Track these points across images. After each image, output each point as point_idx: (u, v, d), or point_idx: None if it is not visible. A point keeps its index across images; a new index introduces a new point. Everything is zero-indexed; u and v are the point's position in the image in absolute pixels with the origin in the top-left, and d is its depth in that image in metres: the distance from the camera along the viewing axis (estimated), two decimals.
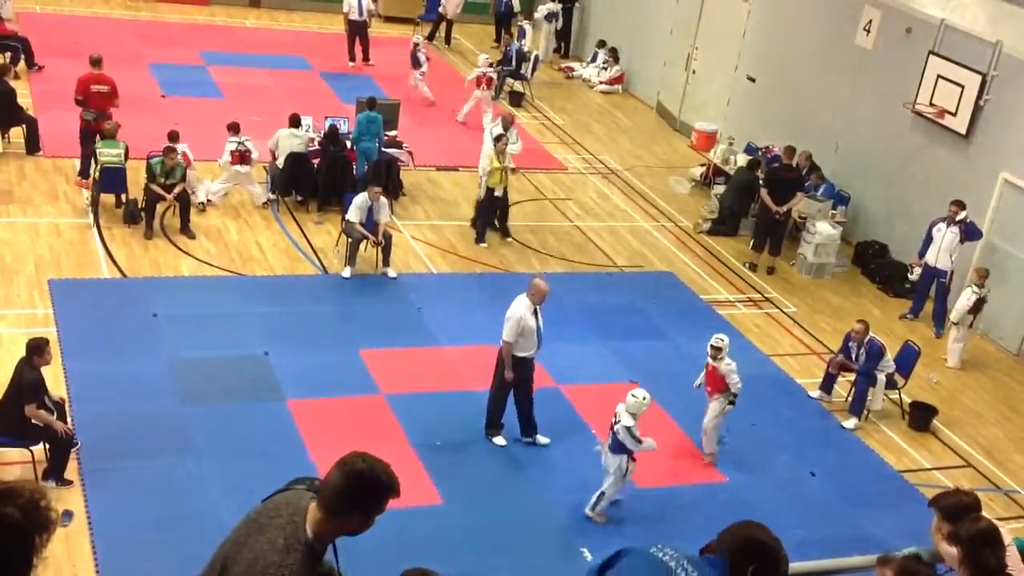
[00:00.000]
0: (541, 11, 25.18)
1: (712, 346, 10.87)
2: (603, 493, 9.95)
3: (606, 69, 23.75)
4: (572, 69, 24.38)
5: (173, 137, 14.49)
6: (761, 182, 16.33)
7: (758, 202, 16.26)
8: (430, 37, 24.88)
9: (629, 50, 23.57)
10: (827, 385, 12.76)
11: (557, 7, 25.19)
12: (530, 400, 10.95)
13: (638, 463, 10.03)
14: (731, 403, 11.04)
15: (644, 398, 9.80)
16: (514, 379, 10.73)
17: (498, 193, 15.39)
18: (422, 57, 20.05)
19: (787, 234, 16.24)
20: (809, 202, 16.32)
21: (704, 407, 11.19)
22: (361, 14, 21.50)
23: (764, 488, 10.92)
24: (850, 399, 12.52)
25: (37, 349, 9.24)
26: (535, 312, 10.62)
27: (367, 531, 3.59)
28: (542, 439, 11.02)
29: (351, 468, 3.60)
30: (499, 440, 10.97)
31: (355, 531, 3.62)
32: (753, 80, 19.67)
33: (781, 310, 14.96)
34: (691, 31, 21.55)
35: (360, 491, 3.55)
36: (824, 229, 16.04)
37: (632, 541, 10.06)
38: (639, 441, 9.78)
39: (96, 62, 15.02)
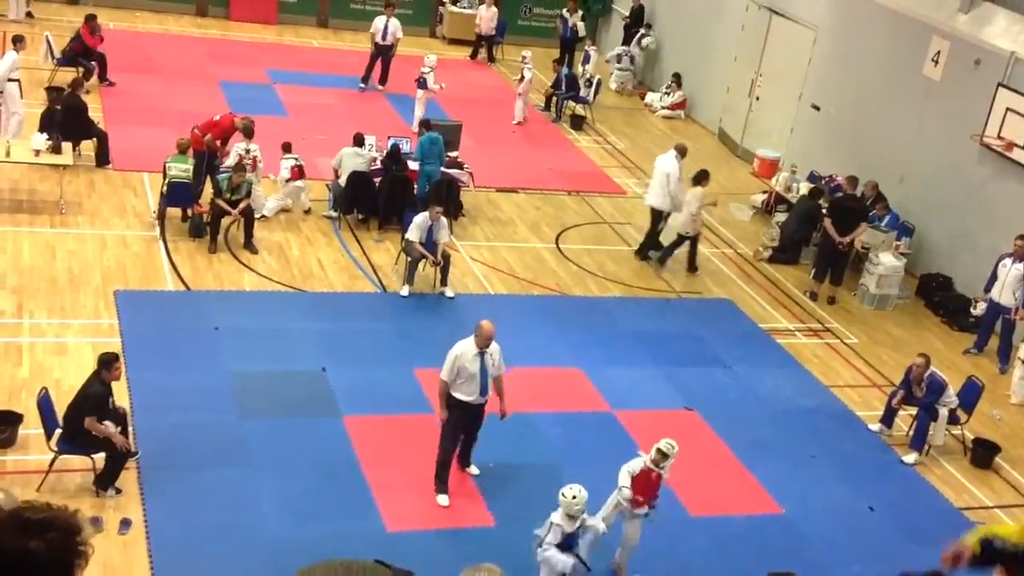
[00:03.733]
0: (648, 43, 25.01)
1: (659, 450, 9.25)
2: None
3: (668, 94, 23.73)
4: (643, 95, 24.39)
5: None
6: (825, 211, 16.17)
7: (820, 231, 16.09)
8: (472, 56, 25.06)
9: (692, 76, 23.52)
10: (888, 419, 12.55)
11: (623, 49, 25.05)
12: (472, 441, 10.38)
13: (690, 492, 9.88)
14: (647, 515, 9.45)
15: (574, 496, 8.57)
16: (450, 423, 10.03)
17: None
18: (430, 79, 19.58)
19: (849, 264, 16.05)
20: (873, 232, 16.12)
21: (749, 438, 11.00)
22: (385, 38, 21.41)
23: (821, 521, 10.76)
24: (911, 433, 12.30)
25: (106, 364, 9.40)
26: (480, 355, 9.85)
27: None
28: (473, 470, 10.56)
29: None
30: (442, 500, 10.08)
31: None
32: (818, 108, 19.52)
33: (842, 341, 14.78)
34: (755, 58, 21.45)
35: None
36: (887, 260, 15.82)
37: (684, 570, 10.03)
38: (577, 554, 8.71)
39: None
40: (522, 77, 21.05)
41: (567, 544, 8.75)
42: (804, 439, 12.20)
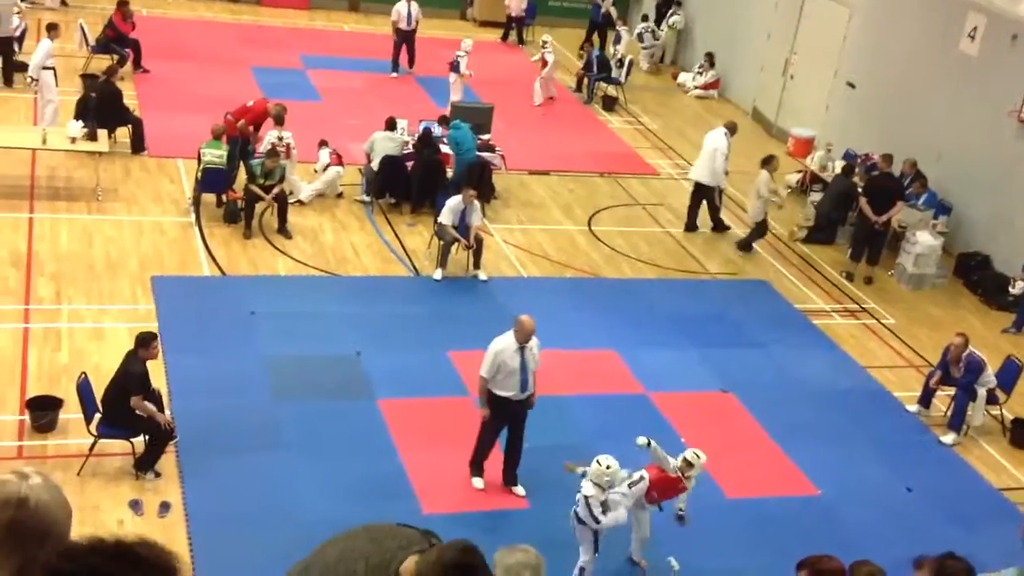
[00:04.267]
0: (675, 22, 24.92)
1: (685, 459, 9.17)
2: (582, 569, 8.86)
3: (701, 74, 23.55)
4: (676, 75, 24.26)
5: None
6: (860, 190, 16.01)
7: (856, 211, 15.94)
8: (503, 39, 24.99)
9: (725, 55, 23.32)
10: (925, 399, 12.44)
11: (644, 26, 24.93)
12: (518, 449, 10.10)
13: (726, 474, 9.86)
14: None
15: (608, 467, 8.60)
16: (492, 420, 9.88)
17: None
18: (463, 63, 19.59)
19: (886, 243, 15.89)
20: (909, 211, 15.95)
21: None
22: (409, 23, 21.34)
23: (858, 503, 10.70)
24: (949, 414, 12.19)
25: (144, 342, 9.50)
26: (521, 351, 9.70)
27: None
28: (518, 491, 10.19)
29: (449, 560, 3.45)
30: (477, 483, 10.13)
31: None
32: (853, 86, 19.30)
33: (879, 321, 14.65)
34: (789, 36, 21.23)
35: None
36: (925, 239, 15.65)
37: (720, 553, 10.02)
38: (597, 519, 8.69)
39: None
40: (544, 62, 20.81)
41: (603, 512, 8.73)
42: (841, 420, 12.12)
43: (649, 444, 9.21)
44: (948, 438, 12.00)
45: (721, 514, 10.24)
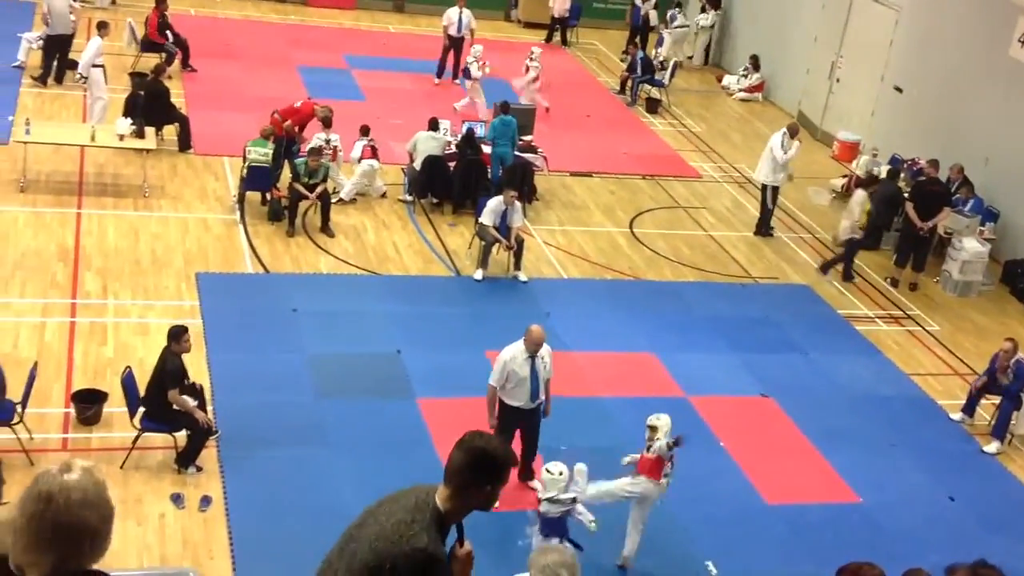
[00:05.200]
0: (703, 19, 24.94)
1: (648, 426, 9.12)
2: None
3: (746, 76, 23.42)
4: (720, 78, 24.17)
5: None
6: (907, 196, 15.84)
7: (902, 216, 15.77)
8: (547, 40, 24.98)
9: (770, 58, 23.18)
10: (970, 408, 12.28)
11: (712, 18, 24.90)
12: (533, 449, 10.00)
13: (766, 479, 9.81)
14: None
15: (560, 472, 8.53)
16: (500, 428, 9.67)
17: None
18: (474, 68, 19.45)
19: (932, 250, 15.71)
20: (956, 217, 15.76)
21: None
22: (460, 30, 21.09)
23: (899, 511, 10.59)
24: (993, 423, 12.03)
25: (175, 336, 9.60)
26: (531, 360, 9.63)
27: (492, 506, 3.95)
28: (535, 484, 9.87)
29: (472, 444, 3.92)
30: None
31: (482, 504, 3.94)
32: (900, 90, 19.10)
33: (923, 328, 14.48)
34: (836, 39, 21.06)
35: (483, 464, 3.88)
36: (971, 246, 15.45)
37: (760, 558, 9.95)
38: (567, 502, 8.58)
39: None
40: (527, 69, 19.82)
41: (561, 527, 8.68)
42: (883, 427, 12.00)
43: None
44: (991, 447, 11.84)
45: (761, 519, 10.17)
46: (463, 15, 21.16)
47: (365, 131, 15.81)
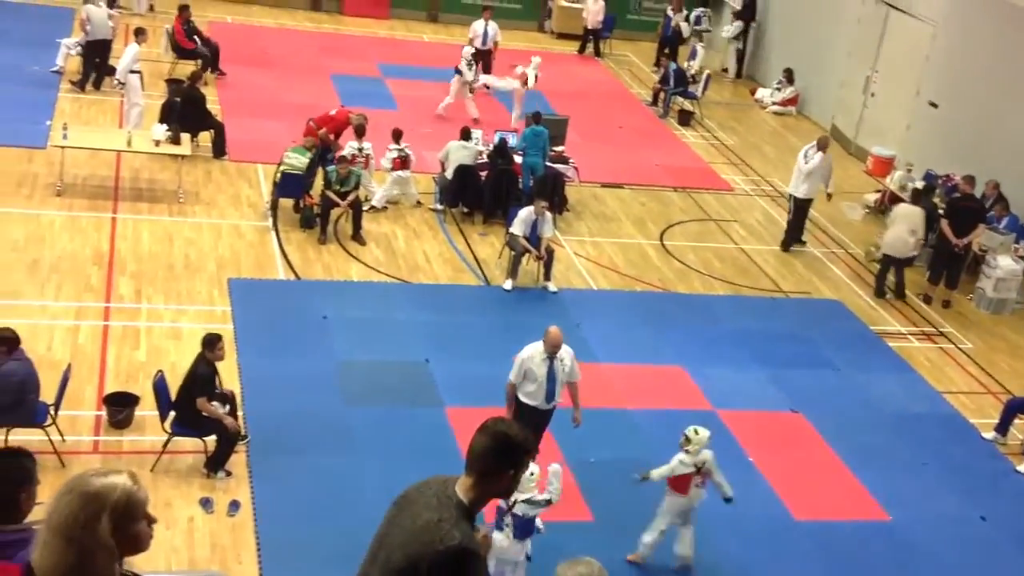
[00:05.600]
0: (728, 31, 25.00)
1: (684, 434, 9.16)
2: None
3: (780, 90, 23.34)
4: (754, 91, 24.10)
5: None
6: (941, 212, 15.71)
7: (936, 232, 15.64)
8: (580, 51, 24.99)
9: (805, 71, 23.08)
10: (1003, 427, 12.16)
11: (732, 28, 25.00)
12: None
13: (795, 495, 9.75)
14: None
15: (532, 473, 8.48)
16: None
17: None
18: (462, 66, 19.48)
19: (966, 267, 15.57)
20: (991, 234, 15.61)
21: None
22: (485, 43, 21.15)
23: (929, 530, 10.48)
24: None
25: (209, 344, 9.67)
26: (549, 361, 9.72)
27: (512, 494, 4.10)
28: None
29: (495, 429, 3.95)
30: None
31: (504, 491, 4.00)
32: (936, 106, 18.96)
33: (956, 346, 14.35)
34: (871, 53, 20.95)
35: (506, 449, 3.90)
36: (1006, 263, 15.30)
37: (787, 574, 9.86)
38: (542, 504, 8.59)
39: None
40: (525, 80, 19.67)
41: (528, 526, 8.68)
42: (914, 445, 11.90)
43: (644, 478, 9.25)
44: None
45: (788, 535, 10.11)
46: (488, 27, 21.23)
47: (397, 137, 15.81)
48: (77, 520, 3.10)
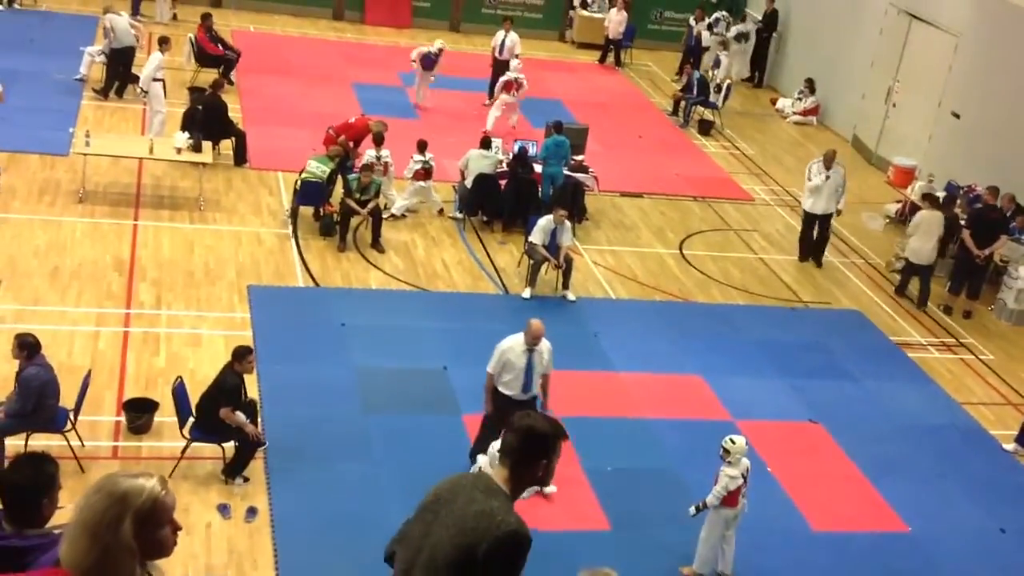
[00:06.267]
0: (732, 31, 25.02)
1: (723, 447, 9.17)
2: None
3: (800, 100, 23.28)
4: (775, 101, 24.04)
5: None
6: (963, 223, 15.63)
7: (957, 243, 15.55)
8: (600, 61, 25.00)
9: (826, 81, 23.02)
10: (1023, 438, 12.06)
11: (749, 27, 24.99)
12: None
13: (813, 506, 9.69)
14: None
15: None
16: (493, 415, 10.02)
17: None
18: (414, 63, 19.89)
19: (987, 278, 15.47)
20: (1013, 246, 15.51)
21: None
22: (502, 53, 21.09)
23: (949, 541, 10.41)
24: None
25: (239, 356, 9.71)
26: (529, 352, 9.94)
27: (549, 482, 4.19)
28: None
29: (520, 424, 4.15)
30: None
31: (540, 479, 4.16)
32: (958, 116, 18.87)
33: (977, 357, 14.25)
34: (893, 64, 20.87)
35: (532, 439, 4.09)
36: None
37: None
38: None
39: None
40: (519, 85, 19.66)
41: None
42: (933, 456, 11.82)
43: (699, 509, 9.27)
44: None
45: (807, 547, 10.06)
46: (506, 39, 21.17)
47: (422, 148, 15.81)
48: (102, 519, 3.14)
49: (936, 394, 13.11)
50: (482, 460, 9.42)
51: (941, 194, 17.08)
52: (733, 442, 9.11)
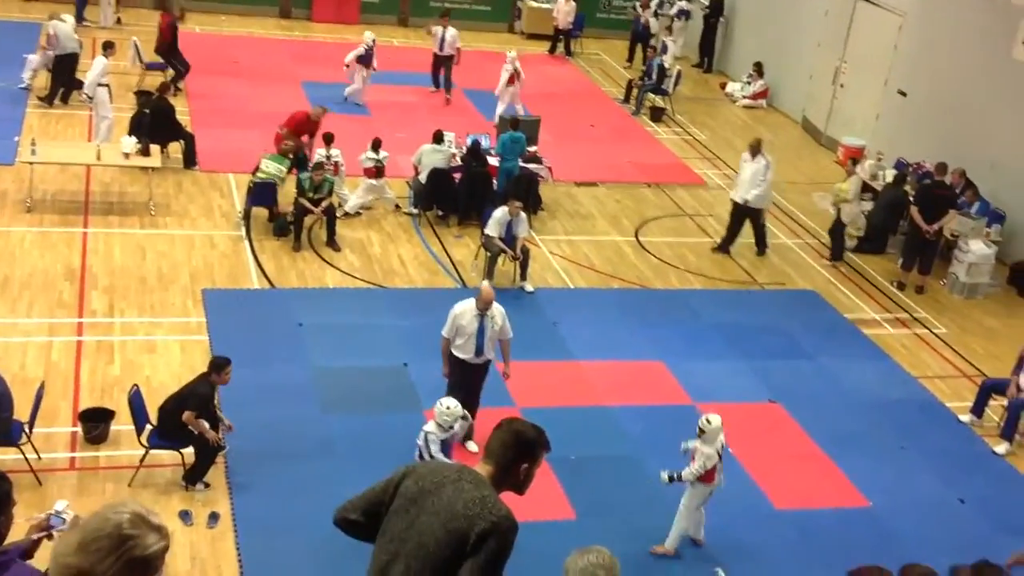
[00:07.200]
0: (674, 9, 25.12)
1: (699, 427, 9.32)
2: None
3: (749, 83, 23.43)
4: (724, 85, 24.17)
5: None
6: (912, 199, 15.82)
7: (907, 220, 15.74)
8: (550, 51, 25.02)
9: (774, 64, 23.18)
10: (978, 409, 12.25)
11: (692, 6, 25.09)
12: (472, 409, 10.50)
13: (775, 484, 9.79)
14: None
15: (448, 407, 9.44)
16: (450, 379, 10.55)
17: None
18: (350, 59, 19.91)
19: (938, 253, 15.68)
20: (962, 220, 15.72)
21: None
22: (443, 48, 20.88)
23: (909, 514, 10.54)
24: (1002, 423, 11.98)
25: (218, 368, 9.61)
26: (480, 317, 10.37)
27: (526, 489, 4.24)
28: (471, 446, 10.59)
29: (509, 428, 4.26)
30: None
31: (517, 485, 4.24)
32: (904, 94, 19.09)
33: (931, 331, 14.44)
34: (840, 44, 21.07)
35: (516, 443, 4.20)
36: (978, 248, 15.42)
37: (769, 563, 9.89)
38: (432, 455, 9.26)
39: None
40: (512, 75, 19.61)
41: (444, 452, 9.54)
42: (891, 431, 11.97)
43: (672, 479, 9.41)
44: (1001, 447, 11.80)
45: (769, 525, 10.15)
46: (446, 33, 20.91)
47: (376, 146, 15.69)
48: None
49: (892, 369, 13.27)
50: (428, 427, 9.65)
51: (886, 174, 17.30)
52: (709, 422, 9.25)
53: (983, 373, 13.10)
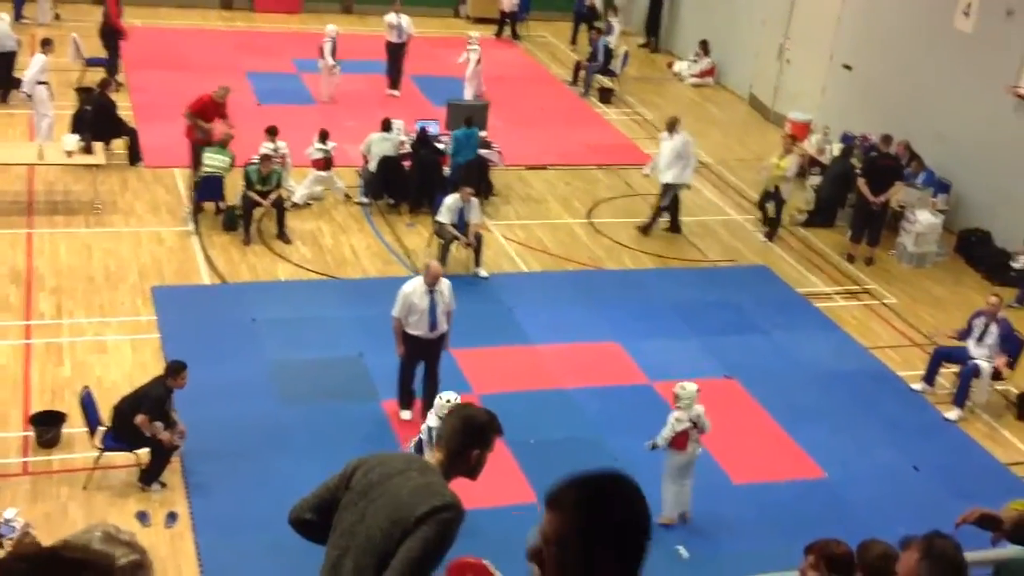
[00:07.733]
0: None
1: (674, 393, 9.64)
2: None
3: (696, 62, 23.51)
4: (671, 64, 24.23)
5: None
6: (858, 172, 15.98)
7: (855, 192, 15.90)
8: (497, 35, 24.93)
9: (720, 42, 23.28)
10: (930, 377, 12.43)
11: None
12: (433, 385, 10.68)
13: (732, 460, 9.89)
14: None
15: (448, 400, 9.14)
16: (405, 355, 10.76)
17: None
18: (327, 49, 19.53)
19: (886, 224, 15.86)
20: (909, 191, 15.91)
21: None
22: (401, 36, 20.36)
23: (865, 484, 10.70)
24: (954, 390, 12.17)
25: (174, 372, 9.52)
26: (430, 293, 10.59)
27: (478, 474, 4.19)
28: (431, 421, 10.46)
29: (460, 413, 4.23)
30: (405, 415, 10.94)
31: (469, 471, 4.18)
32: (849, 68, 19.25)
33: (881, 302, 14.62)
34: (784, 20, 21.19)
35: (468, 428, 4.14)
36: (924, 218, 15.62)
37: (729, 538, 9.98)
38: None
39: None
40: (467, 60, 19.72)
41: None
42: (846, 402, 12.12)
43: (654, 446, 9.56)
44: (952, 414, 11.99)
45: (728, 500, 10.24)
46: (402, 20, 20.49)
47: (323, 137, 15.54)
48: None
49: (844, 341, 13.42)
50: (430, 421, 9.37)
51: (833, 148, 17.43)
52: (684, 388, 9.47)
53: (933, 342, 13.28)
